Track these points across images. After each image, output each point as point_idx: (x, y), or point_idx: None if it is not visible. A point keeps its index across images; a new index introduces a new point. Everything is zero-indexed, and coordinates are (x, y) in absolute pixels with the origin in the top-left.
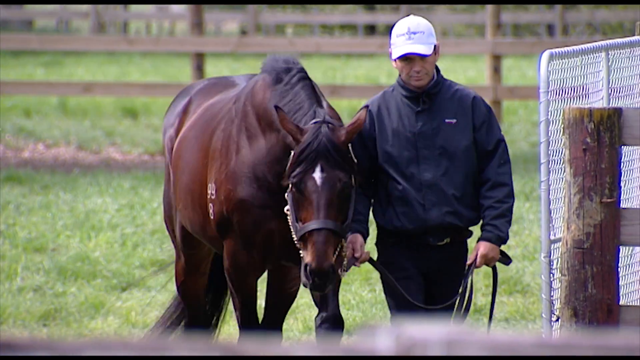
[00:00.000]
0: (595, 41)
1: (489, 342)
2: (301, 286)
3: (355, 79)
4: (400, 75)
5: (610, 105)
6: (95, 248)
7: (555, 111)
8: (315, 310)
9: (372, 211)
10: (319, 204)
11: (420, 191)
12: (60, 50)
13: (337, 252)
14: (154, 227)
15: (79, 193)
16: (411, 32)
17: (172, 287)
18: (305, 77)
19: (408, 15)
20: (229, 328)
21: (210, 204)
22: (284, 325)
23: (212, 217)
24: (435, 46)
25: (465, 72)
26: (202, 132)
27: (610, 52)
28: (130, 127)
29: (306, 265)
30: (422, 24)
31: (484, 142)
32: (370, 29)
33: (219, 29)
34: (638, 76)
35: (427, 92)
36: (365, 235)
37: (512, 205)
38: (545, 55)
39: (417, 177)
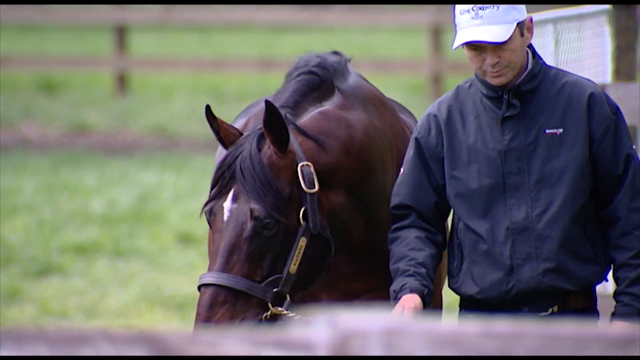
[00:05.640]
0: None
1: (430, 332)
2: None
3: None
4: None
5: None
6: (10, 232)
7: None
8: None
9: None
10: (217, 249)
11: (507, 239)
12: None
13: (260, 317)
14: (74, 210)
15: None
16: (478, 8)
17: (93, 272)
18: (308, 72)
19: None
20: None
21: None
22: None
23: None
24: (520, 23)
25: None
26: None
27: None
28: (48, 103)
29: None
30: None
31: (608, 161)
32: None
33: None
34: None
35: (516, 90)
36: (427, 298)
37: None
38: None
39: (502, 218)
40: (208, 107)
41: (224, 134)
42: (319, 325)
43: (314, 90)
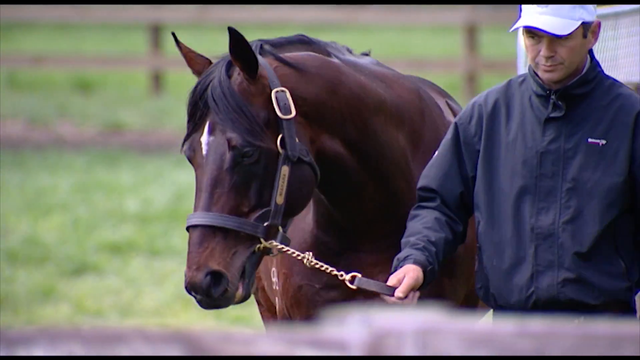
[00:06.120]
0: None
1: (465, 331)
2: None
3: None
4: None
5: None
6: (45, 231)
7: None
8: None
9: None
10: (200, 186)
11: (531, 243)
12: (8, 20)
13: (246, 259)
14: (109, 209)
15: (28, 172)
16: None
17: (128, 271)
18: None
19: None
20: None
21: (276, 298)
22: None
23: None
24: (585, 24)
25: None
26: None
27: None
28: (83, 102)
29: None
30: None
31: None
32: None
33: None
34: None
35: (564, 92)
36: (429, 275)
37: None
38: None
39: (527, 222)
40: (173, 34)
41: (189, 63)
42: (354, 324)
43: (304, 44)
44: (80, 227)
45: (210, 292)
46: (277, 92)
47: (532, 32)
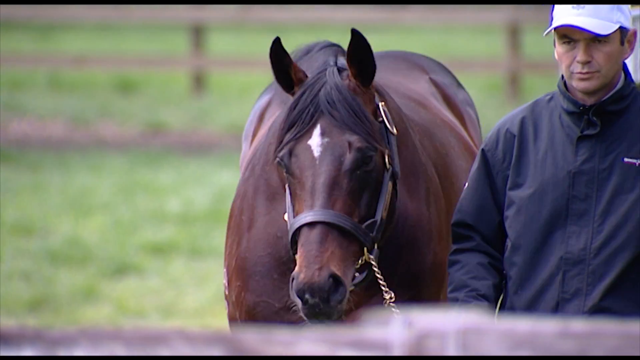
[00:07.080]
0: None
1: (507, 332)
2: None
3: None
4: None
5: None
6: (87, 231)
7: None
8: None
9: None
10: (314, 186)
11: (559, 270)
12: (50, 20)
13: (356, 265)
14: (150, 209)
15: (70, 172)
16: None
17: (170, 271)
18: (329, 45)
19: None
20: None
21: (225, 302)
22: None
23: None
24: (622, 29)
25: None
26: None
27: None
28: (125, 103)
29: (292, 278)
30: None
31: None
32: None
33: None
34: None
35: (599, 108)
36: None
37: None
38: None
39: (558, 247)
40: (278, 40)
41: (294, 71)
42: (395, 325)
43: (341, 52)
44: (121, 228)
45: (330, 297)
46: (384, 105)
47: (567, 37)
